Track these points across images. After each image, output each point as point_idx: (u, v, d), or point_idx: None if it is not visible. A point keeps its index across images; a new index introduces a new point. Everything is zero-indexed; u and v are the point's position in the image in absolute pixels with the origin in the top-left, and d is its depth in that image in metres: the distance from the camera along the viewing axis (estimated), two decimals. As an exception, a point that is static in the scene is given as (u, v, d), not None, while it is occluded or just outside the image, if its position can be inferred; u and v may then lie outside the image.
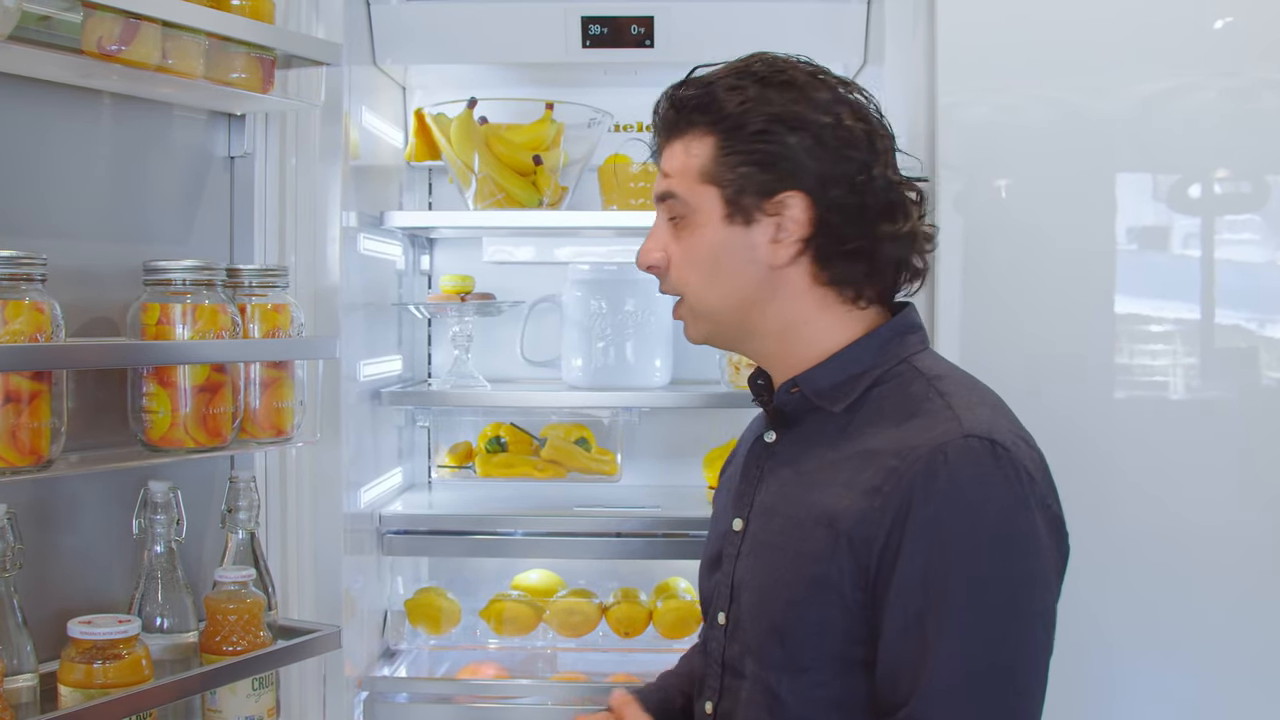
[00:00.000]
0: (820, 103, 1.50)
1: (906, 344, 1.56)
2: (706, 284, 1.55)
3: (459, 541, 2.72)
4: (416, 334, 3.13)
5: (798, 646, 1.48)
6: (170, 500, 1.92)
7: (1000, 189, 2.40)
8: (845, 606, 1.43)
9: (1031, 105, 2.39)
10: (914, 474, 1.39)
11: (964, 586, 1.36)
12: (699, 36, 2.62)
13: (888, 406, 1.49)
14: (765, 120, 1.49)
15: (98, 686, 1.73)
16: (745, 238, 1.52)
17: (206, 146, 2.14)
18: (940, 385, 1.49)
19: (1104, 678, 2.37)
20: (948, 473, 1.37)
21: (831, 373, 1.54)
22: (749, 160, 1.50)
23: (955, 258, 2.39)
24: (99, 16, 1.74)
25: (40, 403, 1.66)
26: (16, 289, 1.64)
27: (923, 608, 1.37)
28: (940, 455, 1.38)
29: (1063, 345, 2.38)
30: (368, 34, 2.65)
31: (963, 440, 1.39)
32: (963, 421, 1.42)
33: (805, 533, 1.48)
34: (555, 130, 2.79)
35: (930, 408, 1.45)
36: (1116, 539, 2.35)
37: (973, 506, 1.37)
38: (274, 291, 2.04)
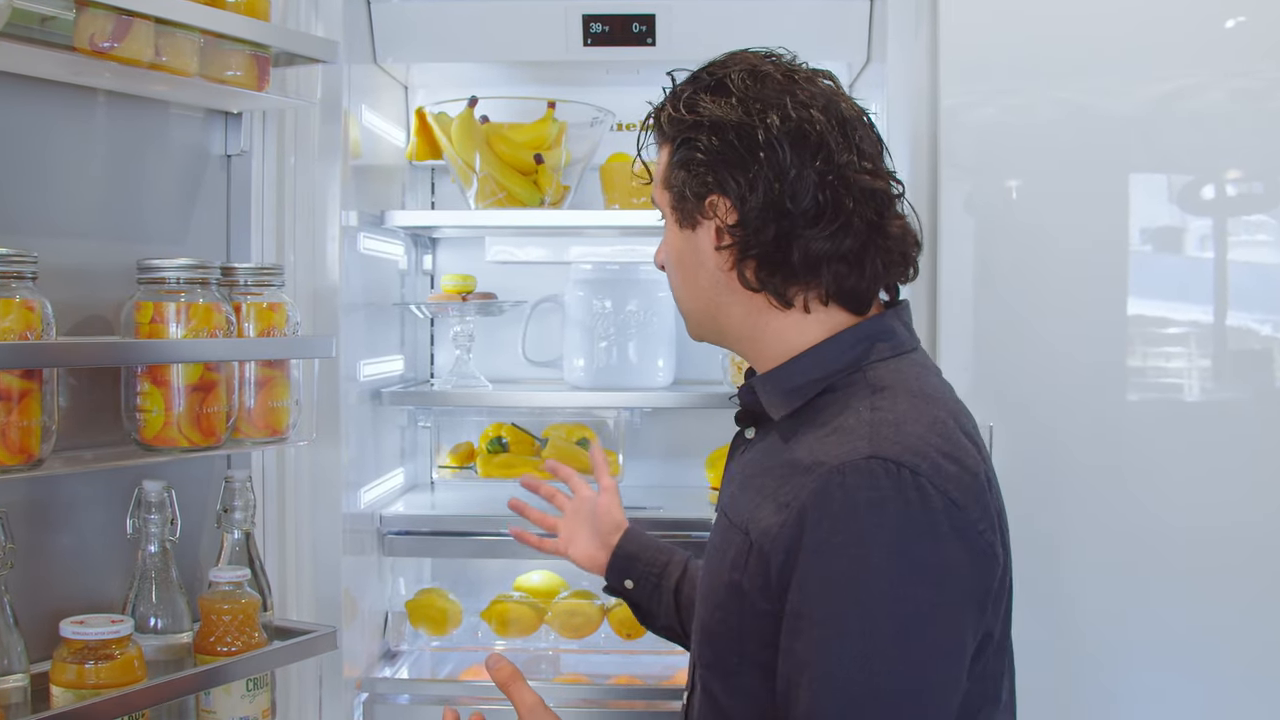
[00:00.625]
0: (758, 103, 1.46)
1: (872, 351, 1.49)
2: (680, 286, 1.57)
3: (459, 542, 2.71)
4: (419, 334, 3.12)
5: (723, 650, 1.46)
6: (164, 500, 1.91)
7: (1011, 190, 2.39)
8: (756, 615, 1.40)
9: (1041, 105, 2.37)
10: (813, 492, 1.34)
11: (850, 614, 1.31)
12: (701, 34, 2.60)
13: (823, 418, 1.43)
14: (692, 127, 1.48)
15: (90, 687, 1.72)
16: (693, 241, 1.52)
17: (203, 145, 2.13)
18: (877, 399, 1.42)
19: (1115, 680, 2.35)
20: (842, 494, 1.32)
21: (785, 377, 1.50)
22: (680, 165, 1.51)
23: (966, 259, 2.37)
24: (91, 14, 1.73)
25: (30, 401, 1.65)
26: (7, 287, 1.64)
27: (809, 632, 1.33)
28: (838, 475, 1.33)
29: (1075, 347, 2.36)
30: (368, 32, 2.64)
31: (864, 461, 1.33)
32: (873, 440, 1.35)
33: (729, 538, 1.46)
34: (558, 129, 2.78)
35: (851, 424, 1.39)
36: (1128, 541, 2.33)
37: (863, 532, 1.31)
38: (269, 290, 2.03)
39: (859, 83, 2.77)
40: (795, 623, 1.34)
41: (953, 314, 2.37)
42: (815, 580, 1.33)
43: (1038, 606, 2.24)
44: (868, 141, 1.50)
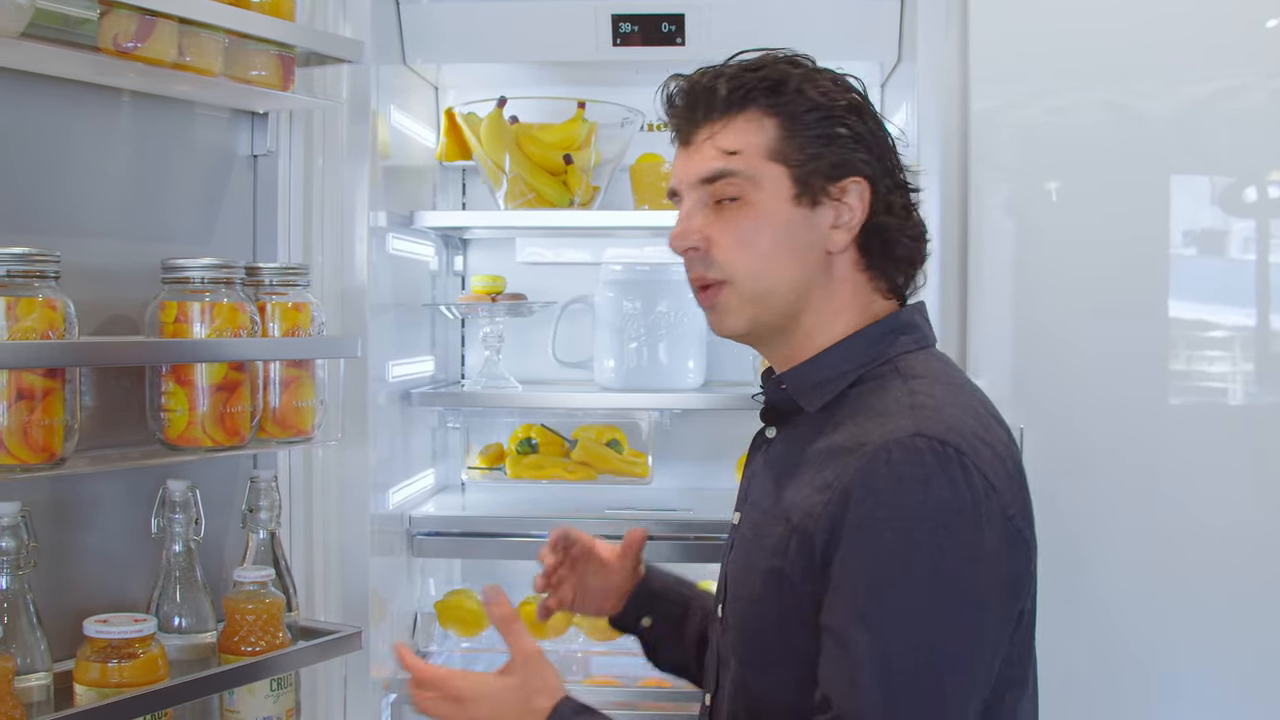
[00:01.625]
0: (866, 99, 1.56)
1: (897, 344, 1.53)
2: (764, 265, 1.51)
3: (489, 543, 2.71)
4: (450, 335, 3.12)
5: (762, 641, 1.47)
6: (189, 499, 1.91)
7: (1051, 192, 2.36)
8: (798, 600, 1.41)
9: (1082, 107, 2.35)
10: (858, 470, 1.37)
11: (893, 589, 1.34)
12: (731, 34, 2.58)
13: (859, 406, 1.47)
14: (837, 106, 1.51)
15: (112, 685, 1.73)
16: (809, 219, 1.51)
17: (229, 145, 2.14)
18: (914, 385, 1.46)
19: (1153, 681, 2.32)
20: (888, 470, 1.35)
21: (817, 370, 1.53)
22: (820, 142, 1.50)
23: (1005, 261, 2.34)
24: (115, 14, 1.74)
25: (53, 400, 1.66)
26: (29, 286, 1.64)
27: (852, 607, 1.35)
28: (884, 452, 1.36)
29: (1116, 350, 2.34)
30: (397, 33, 2.64)
31: (910, 438, 1.36)
32: (916, 420, 1.39)
33: (768, 528, 1.47)
34: (587, 129, 2.77)
35: (891, 407, 1.43)
36: (1170, 543, 2.30)
37: (908, 506, 1.34)
38: (294, 290, 2.03)
39: (890, 83, 2.75)
40: (837, 596, 1.36)
41: (990, 316, 2.35)
42: (859, 554, 1.35)
43: (1069, 610, 2.22)
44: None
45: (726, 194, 1.51)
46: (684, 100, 1.56)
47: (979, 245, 2.36)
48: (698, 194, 1.53)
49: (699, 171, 1.53)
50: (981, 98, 2.35)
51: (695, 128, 1.55)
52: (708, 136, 1.53)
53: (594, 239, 3.05)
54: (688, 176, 1.54)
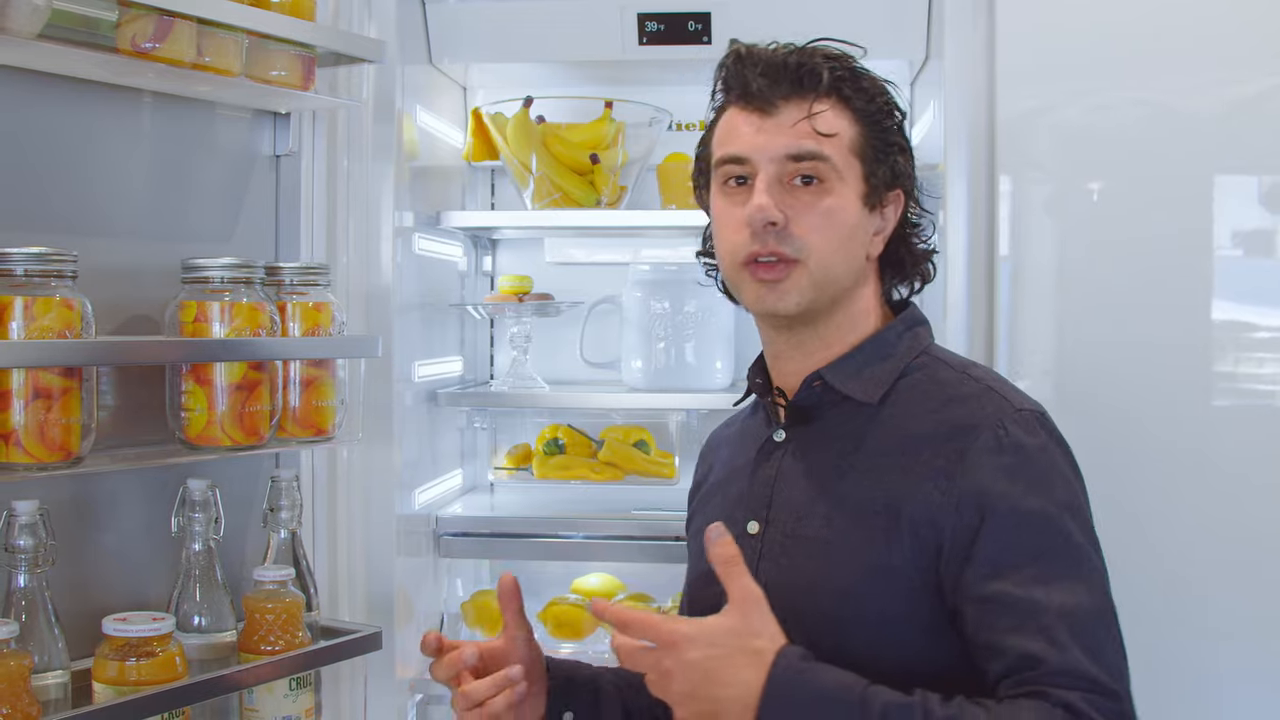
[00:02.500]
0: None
1: (919, 336, 1.60)
2: (835, 253, 1.52)
3: (514, 544, 2.71)
4: (479, 335, 3.11)
5: (854, 639, 1.43)
6: (209, 498, 1.92)
7: (1091, 192, 2.32)
8: (909, 591, 1.43)
9: (1123, 106, 2.30)
10: (978, 449, 1.42)
11: (1052, 547, 1.39)
12: (757, 32, 2.51)
13: (921, 394, 1.52)
14: (899, 118, 1.58)
15: (130, 683, 1.74)
16: (867, 221, 1.56)
17: (251, 145, 2.14)
18: (971, 371, 1.54)
19: (1201, 686, 2.27)
20: (1011, 442, 1.42)
21: (859, 364, 1.56)
22: (891, 150, 1.56)
23: (1047, 263, 2.30)
24: (134, 14, 1.75)
25: (70, 399, 1.66)
26: (47, 285, 1.65)
27: (1022, 569, 1.38)
28: (1001, 430, 1.43)
29: (1159, 351, 2.28)
30: (423, 33, 2.64)
31: (1016, 414, 1.45)
32: (1009, 399, 1.48)
33: (857, 523, 1.46)
34: (615, 129, 2.76)
35: (970, 390, 1.50)
36: (1213, 547, 2.25)
37: (1043, 475, 1.42)
38: (315, 290, 2.03)
39: (919, 80, 2.73)
40: (996, 569, 1.38)
41: (1032, 319, 2.30)
42: (1011, 527, 1.39)
43: None
44: None
45: (815, 174, 1.51)
46: (768, 68, 1.54)
47: (1018, 246, 2.32)
48: (777, 168, 1.51)
49: (789, 147, 1.50)
50: (1019, 98, 2.30)
51: (779, 99, 1.52)
52: (801, 114, 1.51)
53: (623, 239, 3.04)
54: (772, 149, 1.51)
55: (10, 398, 1.62)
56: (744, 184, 1.54)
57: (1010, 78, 2.28)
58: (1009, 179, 2.31)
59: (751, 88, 1.53)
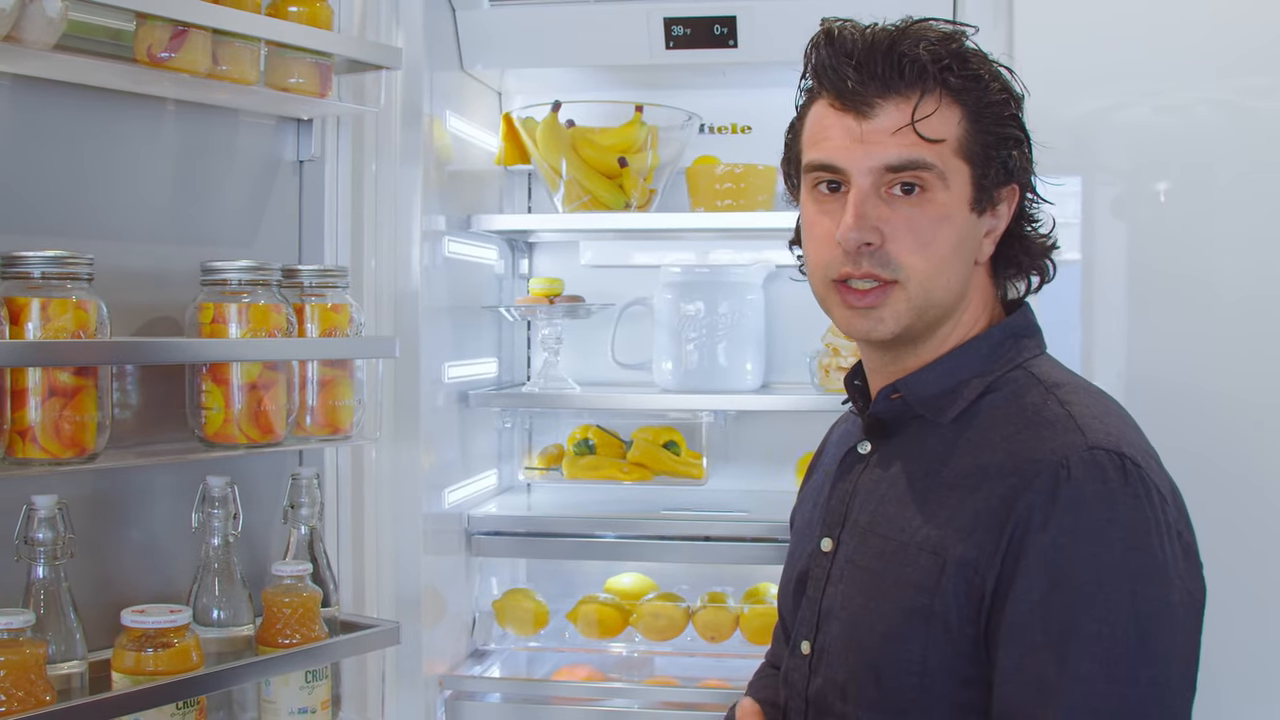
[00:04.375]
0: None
1: (1022, 348, 1.42)
2: (937, 273, 1.37)
3: (544, 543, 2.74)
4: (515, 337, 3.15)
5: (895, 685, 1.34)
6: (228, 495, 1.97)
7: (1159, 193, 2.30)
8: (951, 641, 1.30)
9: (1193, 106, 2.28)
10: (1032, 491, 1.25)
11: (1088, 619, 1.22)
12: (783, 35, 2.54)
13: (1000, 417, 1.35)
14: (1013, 103, 1.39)
15: (147, 673, 1.79)
16: (977, 226, 1.40)
17: (274, 151, 2.19)
18: (1061, 393, 1.35)
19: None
20: (1070, 490, 1.24)
21: (939, 377, 1.41)
22: (1000, 143, 1.38)
23: (1118, 265, 2.28)
24: (149, 25, 1.80)
25: (84, 397, 1.72)
26: (62, 288, 1.71)
27: (1041, 643, 1.23)
28: (1062, 470, 1.25)
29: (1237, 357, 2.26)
30: (454, 40, 2.68)
31: (1088, 453, 1.25)
32: (1086, 432, 1.28)
33: (907, 559, 1.35)
34: (646, 133, 2.78)
35: (1049, 417, 1.31)
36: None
37: (1097, 529, 1.23)
38: (333, 292, 2.08)
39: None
40: (1024, 634, 1.24)
41: (1104, 325, 2.29)
42: (1047, 587, 1.23)
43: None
44: None
45: (918, 183, 1.36)
46: (865, 60, 1.35)
47: (1091, 247, 2.30)
48: (874, 179, 1.36)
49: (889, 156, 1.35)
50: (1090, 98, 2.29)
51: (879, 97, 1.35)
52: (903, 116, 1.34)
53: (657, 241, 3.06)
54: (868, 157, 1.35)
55: (26, 395, 1.68)
56: (837, 190, 1.39)
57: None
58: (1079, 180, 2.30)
59: (845, 84, 1.35)
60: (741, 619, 2.76)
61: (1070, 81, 2.29)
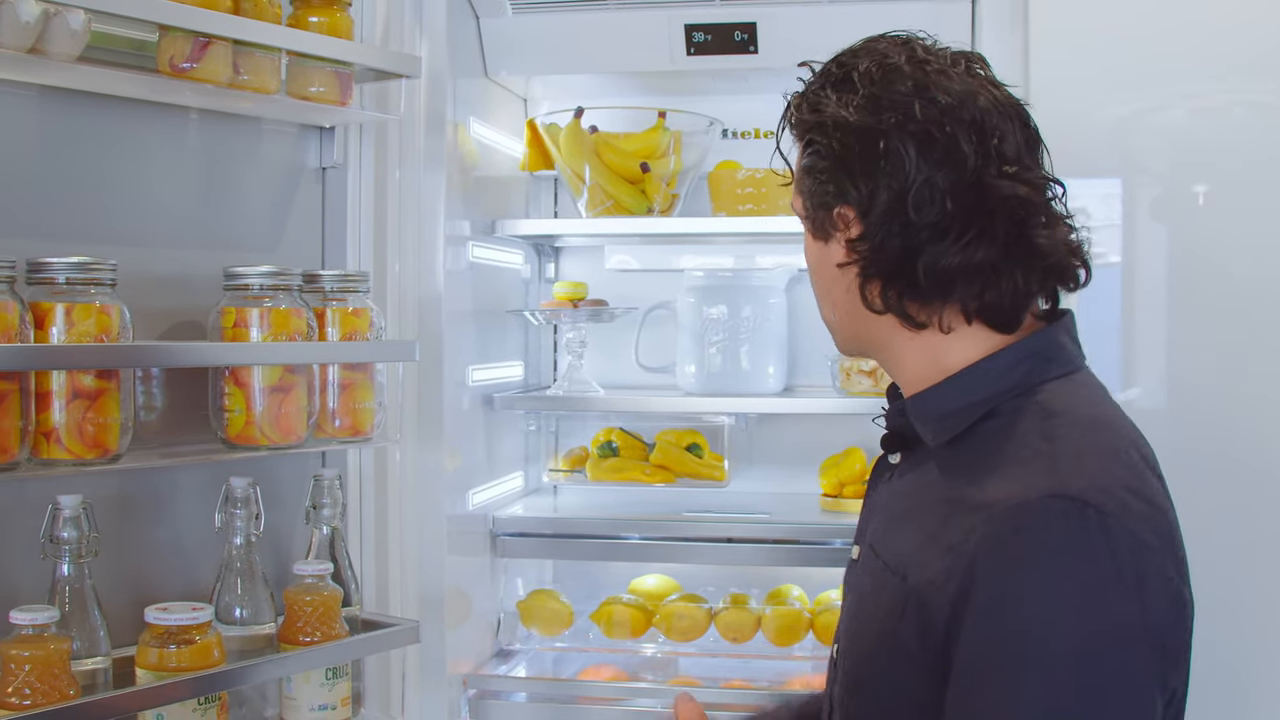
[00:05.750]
0: (883, 101, 1.33)
1: (1039, 369, 1.34)
2: (819, 299, 1.46)
3: (567, 545, 2.77)
4: (542, 341, 3.19)
5: (872, 705, 1.35)
6: (250, 495, 2.01)
7: (1198, 195, 2.29)
8: (916, 670, 1.26)
9: (1232, 108, 2.27)
10: (986, 537, 1.20)
11: (1027, 675, 1.17)
12: (803, 41, 2.54)
13: (987, 447, 1.30)
14: (815, 128, 1.38)
15: (169, 669, 1.83)
16: (826, 255, 1.41)
17: (297, 158, 2.24)
18: (1052, 427, 1.28)
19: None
20: (1016, 540, 1.19)
21: (945, 398, 1.36)
22: (810, 170, 1.40)
23: (1158, 269, 2.28)
24: (171, 36, 1.84)
25: (107, 399, 1.77)
26: (86, 293, 1.75)
27: (980, 693, 1.20)
28: (1012, 519, 1.20)
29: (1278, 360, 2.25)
30: (478, 48, 2.72)
31: (1042, 501, 1.19)
32: (1055, 475, 1.22)
33: (884, 580, 1.34)
34: (669, 138, 2.81)
35: (1026, 455, 1.26)
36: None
37: (1043, 584, 1.17)
38: (354, 296, 2.12)
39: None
40: (966, 681, 1.21)
41: (1145, 329, 2.28)
42: (988, 638, 1.19)
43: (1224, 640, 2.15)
44: (1011, 140, 1.33)
45: None
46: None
47: (1132, 250, 2.30)
48: None
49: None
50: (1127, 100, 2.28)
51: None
52: None
53: (681, 246, 3.08)
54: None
55: (51, 398, 1.73)
56: None
57: (1042, 84, 2.28)
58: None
59: None
60: (763, 620, 2.78)
61: (1108, 84, 2.28)
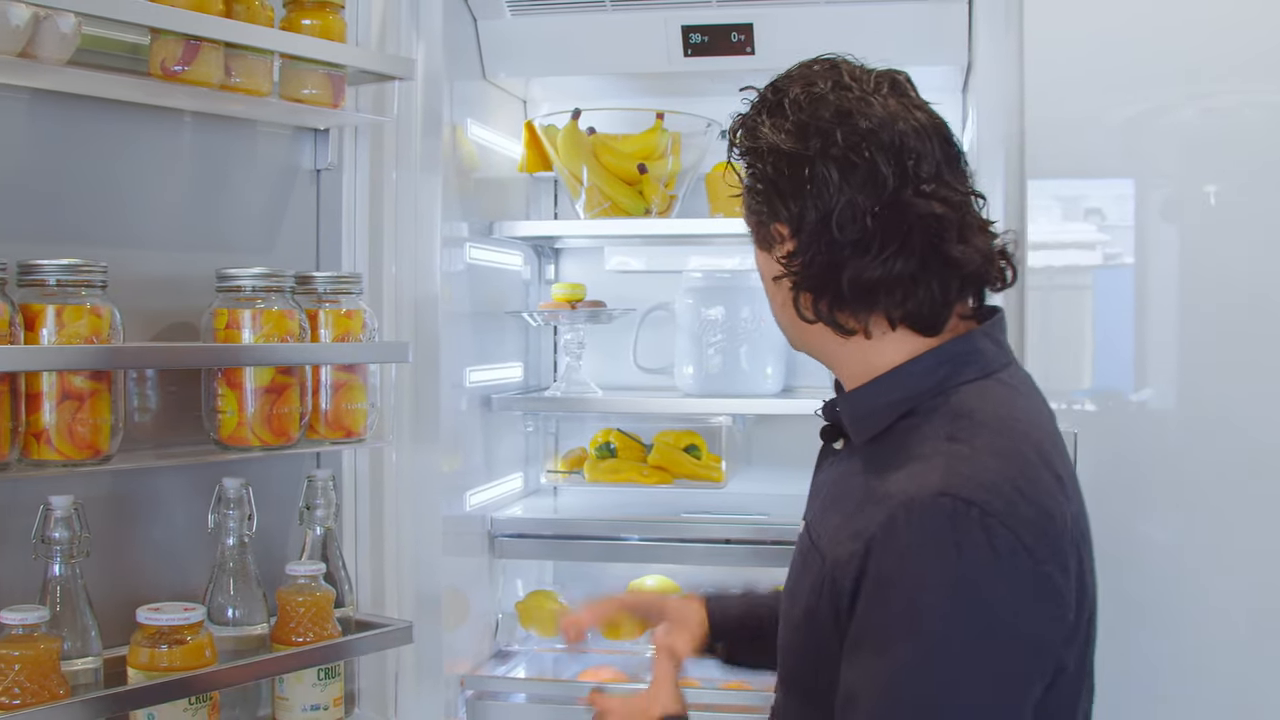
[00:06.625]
0: (809, 128, 1.42)
1: (958, 373, 1.44)
2: (770, 303, 1.56)
3: (563, 546, 2.78)
4: (542, 342, 3.19)
5: (802, 668, 1.47)
6: (243, 496, 2.01)
7: (1209, 195, 2.28)
8: (830, 639, 1.39)
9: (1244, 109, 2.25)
10: (879, 524, 1.32)
11: (902, 650, 1.30)
12: (799, 42, 2.54)
13: (902, 443, 1.40)
14: (752, 152, 1.48)
15: (161, 669, 1.84)
16: (769, 264, 1.51)
17: (291, 160, 2.24)
18: (956, 426, 1.38)
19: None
20: (906, 532, 1.30)
21: (864, 399, 1.48)
22: (748, 189, 1.51)
23: (1170, 269, 2.27)
24: (163, 39, 1.85)
25: (98, 401, 1.77)
26: (77, 294, 1.76)
27: (863, 662, 1.33)
28: (904, 510, 1.31)
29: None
30: (476, 50, 2.73)
31: (932, 498, 1.30)
32: (945, 473, 1.32)
33: (810, 560, 1.46)
34: (667, 139, 2.82)
35: (927, 452, 1.36)
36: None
37: (924, 573, 1.29)
38: (347, 298, 2.12)
39: (970, 84, 2.73)
40: (854, 652, 1.34)
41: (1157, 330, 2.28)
42: (874, 615, 1.32)
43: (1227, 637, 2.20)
44: (929, 160, 1.42)
45: None
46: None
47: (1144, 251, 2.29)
48: None
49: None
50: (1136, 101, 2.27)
51: None
52: None
53: (684, 247, 3.08)
54: None
55: (41, 399, 1.74)
56: None
57: (1036, 86, 2.28)
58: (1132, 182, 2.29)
59: None
60: (760, 622, 2.77)
61: (1111, 85, 2.26)
